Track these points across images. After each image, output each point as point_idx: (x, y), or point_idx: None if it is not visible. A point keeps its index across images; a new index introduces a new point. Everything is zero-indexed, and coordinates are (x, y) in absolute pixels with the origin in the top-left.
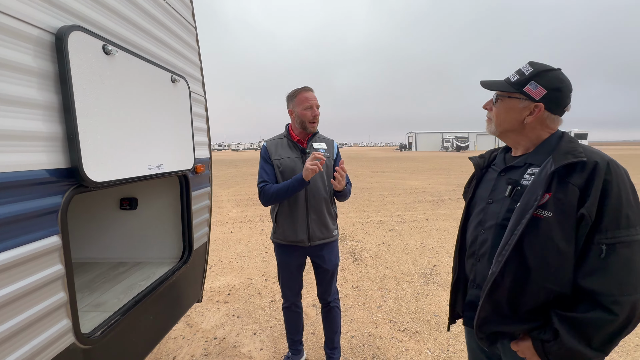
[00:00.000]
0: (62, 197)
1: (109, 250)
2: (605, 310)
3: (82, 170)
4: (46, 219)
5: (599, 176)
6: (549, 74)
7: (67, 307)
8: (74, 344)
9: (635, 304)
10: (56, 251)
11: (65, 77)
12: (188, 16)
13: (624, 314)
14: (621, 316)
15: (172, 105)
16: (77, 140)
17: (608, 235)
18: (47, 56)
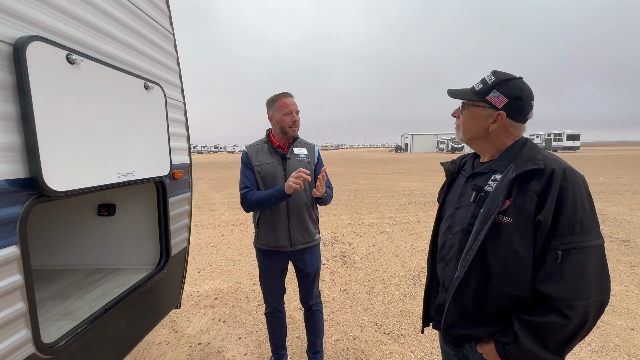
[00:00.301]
0: (22, 207)
1: (86, 257)
2: (560, 315)
3: (42, 180)
4: (4, 229)
5: (555, 183)
6: (510, 83)
7: (26, 318)
8: (34, 354)
9: (588, 308)
10: (15, 261)
11: (23, 87)
12: (165, 23)
13: (577, 319)
14: (574, 320)
15: (146, 112)
16: (36, 150)
17: (564, 241)
18: (5, 67)
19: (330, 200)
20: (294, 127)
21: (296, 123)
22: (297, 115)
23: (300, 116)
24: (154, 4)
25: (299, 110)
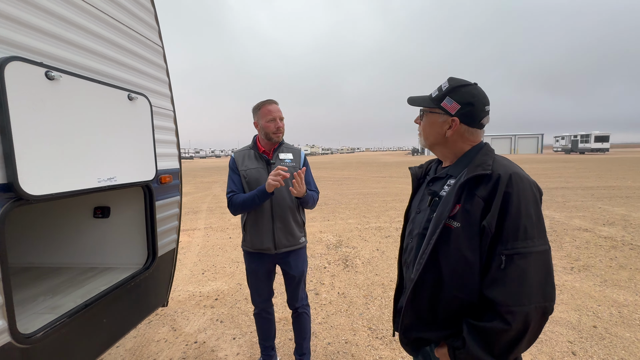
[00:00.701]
0: (1, 208)
1: (82, 256)
2: (502, 320)
3: (18, 185)
4: None
5: (500, 189)
6: (463, 90)
7: (2, 309)
8: (9, 342)
9: (528, 314)
10: None
11: (3, 103)
12: (154, 37)
13: (517, 324)
14: (514, 326)
15: (129, 121)
16: (13, 158)
17: (507, 247)
18: None
19: (314, 204)
20: (278, 133)
21: (280, 129)
22: (280, 121)
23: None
24: (141, 20)
25: (283, 117)
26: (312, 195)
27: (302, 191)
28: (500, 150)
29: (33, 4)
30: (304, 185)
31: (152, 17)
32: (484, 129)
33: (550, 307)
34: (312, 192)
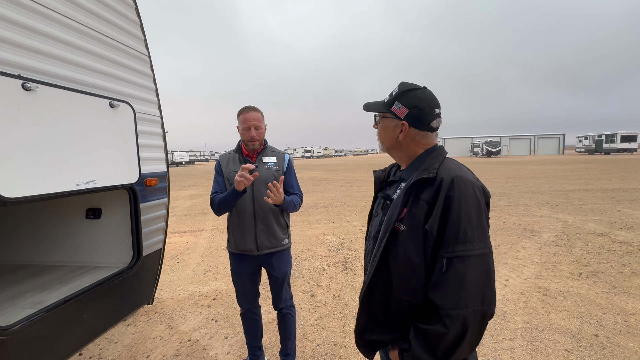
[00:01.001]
0: None
1: (75, 254)
2: (442, 323)
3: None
4: None
5: (442, 192)
6: (410, 94)
7: None
8: None
9: (465, 318)
10: None
11: None
12: (139, 47)
13: (455, 328)
14: (452, 330)
15: (110, 127)
16: None
17: (449, 250)
18: None
19: (295, 208)
20: (252, 142)
21: (253, 138)
22: (255, 130)
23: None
24: (126, 31)
25: (259, 125)
26: (292, 201)
27: (279, 200)
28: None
29: (11, 21)
30: (281, 194)
31: (138, 28)
32: (436, 132)
33: (490, 311)
34: (294, 197)
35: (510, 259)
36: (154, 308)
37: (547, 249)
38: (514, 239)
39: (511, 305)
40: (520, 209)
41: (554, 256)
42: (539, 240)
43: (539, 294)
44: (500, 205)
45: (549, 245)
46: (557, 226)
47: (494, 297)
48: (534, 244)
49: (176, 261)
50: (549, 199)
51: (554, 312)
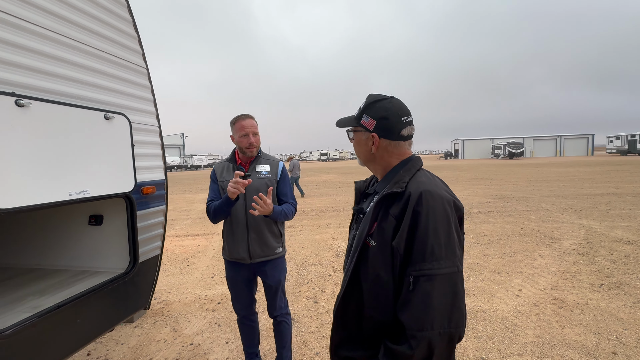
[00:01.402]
0: None
1: (78, 259)
2: (407, 345)
3: None
4: None
5: (409, 207)
6: (376, 105)
7: None
8: None
9: (430, 341)
10: None
11: None
12: (137, 60)
13: (420, 350)
14: (416, 352)
15: (105, 139)
16: None
17: (416, 268)
18: None
19: (286, 217)
20: (251, 148)
21: (252, 145)
22: (253, 137)
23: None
24: (123, 45)
25: (256, 132)
26: (282, 210)
27: (266, 211)
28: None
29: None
30: (268, 205)
31: (136, 42)
32: (410, 141)
33: (457, 333)
34: (286, 206)
35: (525, 267)
36: (161, 310)
37: (566, 258)
38: (531, 246)
39: (522, 318)
40: (541, 214)
41: (574, 265)
42: (559, 248)
43: (554, 306)
44: (519, 210)
45: (569, 253)
46: (580, 233)
47: (463, 319)
48: (553, 252)
49: (186, 264)
50: (573, 203)
51: (569, 327)
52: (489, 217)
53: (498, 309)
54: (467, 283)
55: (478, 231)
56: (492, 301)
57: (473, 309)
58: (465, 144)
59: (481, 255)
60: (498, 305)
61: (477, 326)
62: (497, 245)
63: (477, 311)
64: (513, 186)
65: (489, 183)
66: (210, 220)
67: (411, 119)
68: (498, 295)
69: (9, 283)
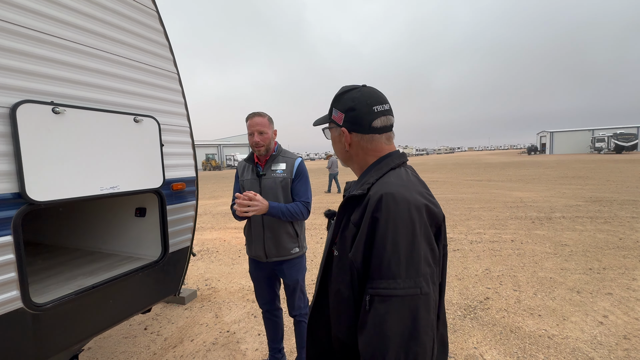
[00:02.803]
0: (15, 211)
1: (126, 246)
2: None
3: (25, 194)
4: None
5: (367, 213)
6: (344, 96)
7: (17, 283)
8: (22, 308)
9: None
10: (9, 245)
11: (15, 134)
12: (168, 66)
13: None
14: None
15: (134, 140)
16: (22, 173)
17: (373, 285)
18: (4, 123)
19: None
20: (257, 147)
21: (258, 144)
22: (258, 136)
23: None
24: (154, 54)
25: (263, 130)
26: (285, 210)
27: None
28: None
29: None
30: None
31: (167, 49)
32: (388, 134)
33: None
34: (292, 205)
35: (617, 288)
36: (209, 296)
37: None
38: (632, 262)
39: (603, 352)
40: None
41: None
42: None
43: None
44: (619, 216)
45: None
46: None
47: (424, 354)
48: None
49: (238, 255)
50: None
51: None
52: (576, 223)
53: (570, 336)
54: (534, 301)
55: (558, 239)
56: (563, 325)
57: (535, 332)
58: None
59: (557, 268)
60: (571, 332)
61: (538, 354)
62: (582, 257)
63: (540, 335)
64: (616, 187)
65: (583, 182)
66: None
67: (386, 107)
68: (572, 319)
69: (72, 263)
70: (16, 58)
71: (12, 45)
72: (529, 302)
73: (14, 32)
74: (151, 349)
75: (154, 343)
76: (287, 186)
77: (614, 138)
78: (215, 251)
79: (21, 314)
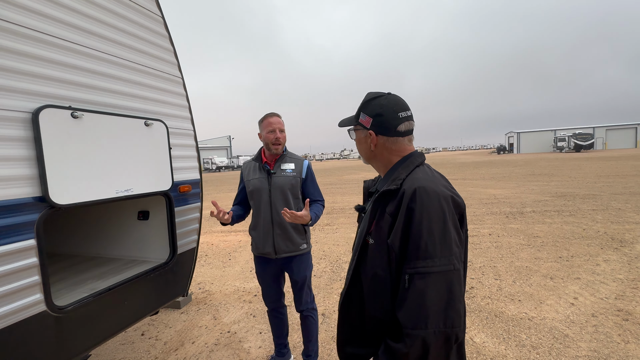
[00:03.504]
0: (38, 215)
1: (129, 249)
2: (403, 343)
3: (49, 197)
4: (25, 228)
5: (404, 204)
6: (372, 103)
7: (40, 286)
8: (45, 311)
9: (425, 339)
10: (32, 249)
11: (38, 139)
12: (173, 71)
13: (414, 349)
14: (412, 351)
15: (145, 143)
16: (45, 177)
17: (411, 266)
18: (27, 127)
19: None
20: (277, 145)
21: (279, 140)
22: (280, 133)
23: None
24: (161, 59)
25: (283, 128)
26: (317, 215)
27: (302, 222)
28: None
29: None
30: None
31: (172, 54)
32: (410, 137)
33: (454, 334)
34: (316, 208)
35: (585, 273)
36: (204, 299)
37: (639, 264)
38: (595, 249)
39: (576, 329)
40: (610, 214)
41: None
42: (630, 253)
43: (617, 318)
44: (582, 209)
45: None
46: None
47: (459, 319)
48: (622, 257)
49: (228, 258)
50: None
51: (635, 342)
52: (545, 216)
53: (547, 317)
54: (513, 288)
55: (530, 232)
56: (541, 308)
57: (517, 315)
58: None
59: (532, 258)
60: (547, 314)
61: (520, 334)
62: (552, 247)
63: (521, 318)
64: (578, 183)
65: (548, 179)
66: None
67: (409, 114)
68: (548, 302)
69: (75, 268)
70: (37, 64)
71: (32, 51)
72: (509, 289)
73: (35, 38)
74: (152, 353)
75: (154, 348)
76: (296, 185)
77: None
78: (204, 255)
79: (45, 317)
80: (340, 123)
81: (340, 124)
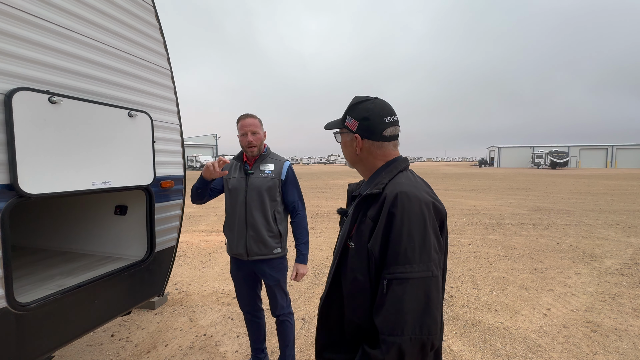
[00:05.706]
0: (5, 203)
1: (103, 245)
2: (379, 349)
3: (18, 186)
4: None
5: (385, 209)
6: (359, 106)
7: (1, 280)
8: (5, 307)
9: (400, 346)
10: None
11: (10, 123)
12: (161, 62)
13: (390, 355)
14: (388, 357)
15: (128, 135)
16: (15, 164)
17: (389, 271)
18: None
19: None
20: (250, 148)
21: (251, 143)
22: (252, 135)
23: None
24: (149, 49)
25: (256, 130)
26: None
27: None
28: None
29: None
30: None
31: (161, 45)
32: (395, 142)
33: (430, 341)
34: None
35: (557, 285)
36: (180, 300)
37: (607, 278)
38: (567, 262)
39: (548, 339)
40: (582, 229)
41: (615, 287)
42: (599, 267)
43: (587, 330)
44: (556, 224)
45: (611, 273)
46: (626, 252)
47: (436, 326)
48: (592, 271)
49: (208, 258)
50: (621, 219)
51: (602, 353)
52: (522, 229)
53: (521, 327)
54: (490, 297)
55: (508, 244)
56: (516, 318)
57: (493, 325)
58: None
59: (508, 269)
60: (522, 324)
61: (496, 343)
62: (528, 259)
63: (497, 327)
64: (553, 198)
65: (526, 193)
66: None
67: (395, 119)
68: (523, 312)
69: (43, 263)
70: (13, 43)
71: (10, 29)
72: (486, 298)
73: (12, 15)
74: (121, 356)
75: (124, 350)
76: (274, 187)
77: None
78: (183, 254)
79: (5, 314)
80: (326, 126)
81: (327, 126)
